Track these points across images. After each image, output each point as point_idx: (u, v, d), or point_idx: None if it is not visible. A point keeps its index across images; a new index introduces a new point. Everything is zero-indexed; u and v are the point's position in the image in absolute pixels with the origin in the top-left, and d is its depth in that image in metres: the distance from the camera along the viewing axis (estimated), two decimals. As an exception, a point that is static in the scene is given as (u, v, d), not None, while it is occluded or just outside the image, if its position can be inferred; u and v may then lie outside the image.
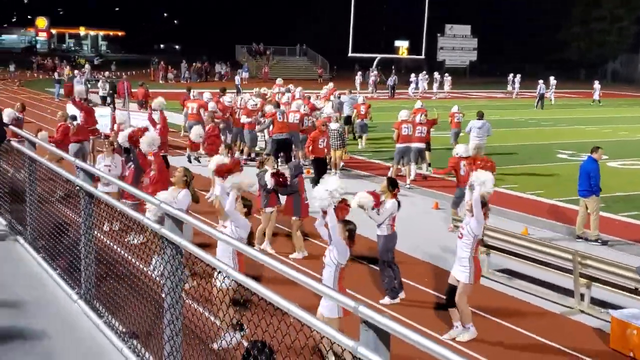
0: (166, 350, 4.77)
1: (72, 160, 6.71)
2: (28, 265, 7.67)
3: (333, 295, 3.08)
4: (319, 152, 17.03)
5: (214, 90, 26.39)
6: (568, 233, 13.97)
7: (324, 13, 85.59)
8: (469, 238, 8.66)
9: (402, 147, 18.19)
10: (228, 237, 4.56)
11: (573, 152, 24.45)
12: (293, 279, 3.35)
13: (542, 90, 43.85)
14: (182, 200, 9.28)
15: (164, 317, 4.80)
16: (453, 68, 66.22)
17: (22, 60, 65.85)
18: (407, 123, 18.35)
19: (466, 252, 8.67)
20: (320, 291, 3.18)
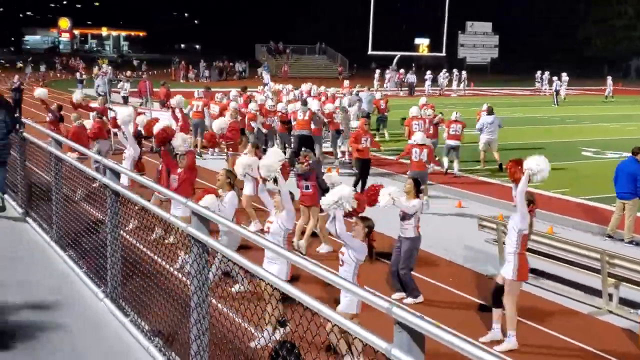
0: (193, 349, 4.75)
1: (99, 158, 6.72)
2: (54, 263, 7.70)
3: (365, 296, 3.02)
4: (362, 153, 16.64)
5: (236, 88, 26.45)
6: (594, 231, 13.80)
7: (343, 11, 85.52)
8: (512, 233, 8.46)
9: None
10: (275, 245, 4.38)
11: (597, 149, 24.18)
12: (322, 277, 3.31)
13: (558, 87, 43.73)
14: (230, 202, 9.22)
15: (190, 316, 4.77)
16: (474, 65, 65.83)
17: (45, 61, 66.36)
18: (418, 120, 18.50)
19: (512, 247, 8.46)
20: (352, 291, 3.13)
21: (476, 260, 11.96)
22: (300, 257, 3.72)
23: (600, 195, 15.91)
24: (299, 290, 3.47)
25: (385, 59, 61.41)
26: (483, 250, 12.13)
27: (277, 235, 7.59)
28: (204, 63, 62.91)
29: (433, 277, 10.95)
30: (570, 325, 9.28)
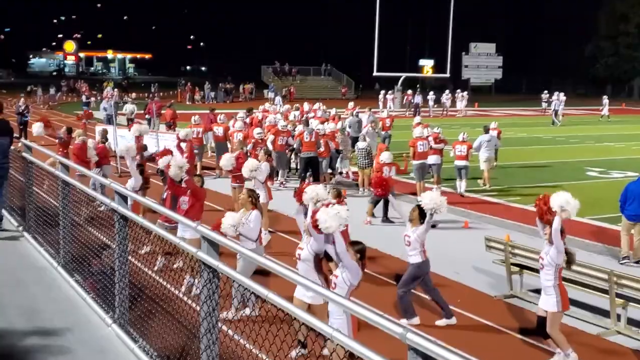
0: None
1: (107, 182, 6.73)
2: (61, 288, 7.69)
3: (379, 321, 3.01)
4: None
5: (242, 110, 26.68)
6: (601, 252, 13.74)
7: (348, 33, 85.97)
8: (550, 268, 8.50)
9: (419, 164, 18.59)
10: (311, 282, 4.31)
11: (602, 169, 24.14)
12: (330, 300, 3.30)
13: (556, 107, 43.94)
14: (255, 221, 9.21)
15: (200, 342, 4.75)
16: (478, 86, 66.03)
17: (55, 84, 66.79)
18: (422, 140, 18.65)
19: (550, 281, 8.51)
20: (365, 316, 3.11)
21: (484, 281, 11.91)
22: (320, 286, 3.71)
23: (607, 215, 15.86)
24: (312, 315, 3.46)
25: (390, 80, 61.64)
26: (491, 272, 12.09)
27: (307, 261, 7.52)
28: (209, 85, 63.26)
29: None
30: (579, 346, 9.20)
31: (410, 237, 9.87)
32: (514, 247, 11.37)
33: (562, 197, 8.38)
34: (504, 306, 10.83)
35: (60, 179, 7.95)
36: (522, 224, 15.54)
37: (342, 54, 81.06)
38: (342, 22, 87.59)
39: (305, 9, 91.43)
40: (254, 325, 4.61)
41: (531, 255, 11.02)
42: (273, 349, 4.20)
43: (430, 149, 18.98)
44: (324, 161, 20.10)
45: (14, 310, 7.17)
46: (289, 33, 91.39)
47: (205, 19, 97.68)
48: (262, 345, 4.35)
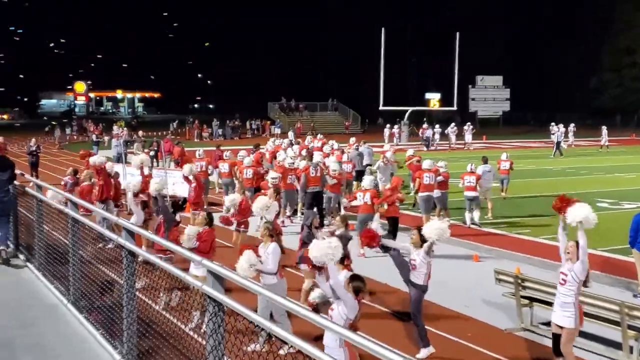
0: (211, 411, 4.70)
1: (115, 219, 6.78)
2: (71, 325, 7.70)
3: (379, 351, 3.00)
4: (389, 211, 16.44)
5: (247, 147, 26.85)
6: (613, 284, 13.63)
7: (354, 67, 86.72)
8: (573, 284, 8.60)
9: (425, 196, 18.52)
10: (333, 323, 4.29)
11: (614, 200, 24.04)
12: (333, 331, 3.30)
13: (559, 138, 44.14)
14: (274, 254, 9.20)
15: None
16: (485, 118, 66.25)
17: (61, 124, 67.45)
18: (430, 172, 18.57)
19: (570, 297, 8.60)
20: (366, 346, 3.11)
21: (495, 314, 11.82)
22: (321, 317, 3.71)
23: (618, 247, 15.76)
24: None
25: (394, 114, 61.94)
26: (501, 305, 12.01)
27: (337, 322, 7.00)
28: (217, 122, 63.77)
29: (451, 332, 10.82)
30: (593, 379, 9.12)
31: (415, 260, 9.85)
32: (524, 280, 11.30)
33: (584, 210, 8.58)
34: (515, 340, 10.73)
35: (69, 216, 8.00)
36: (532, 257, 15.47)
37: (348, 89, 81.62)
38: (347, 56, 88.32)
39: (309, 43, 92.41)
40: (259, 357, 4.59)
41: (542, 288, 10.95)
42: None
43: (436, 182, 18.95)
44: (334, 196, 19.98)
45: (24, 348, 7.17)
46: (296, 69, 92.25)
47: (212, 57, 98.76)
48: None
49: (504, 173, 24.71)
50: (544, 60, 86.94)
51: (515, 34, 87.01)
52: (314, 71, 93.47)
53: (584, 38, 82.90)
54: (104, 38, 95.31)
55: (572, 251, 8.69)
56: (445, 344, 10.40)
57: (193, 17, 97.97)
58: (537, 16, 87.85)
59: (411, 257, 9.93)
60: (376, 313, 11.74)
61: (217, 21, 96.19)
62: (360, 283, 7.18)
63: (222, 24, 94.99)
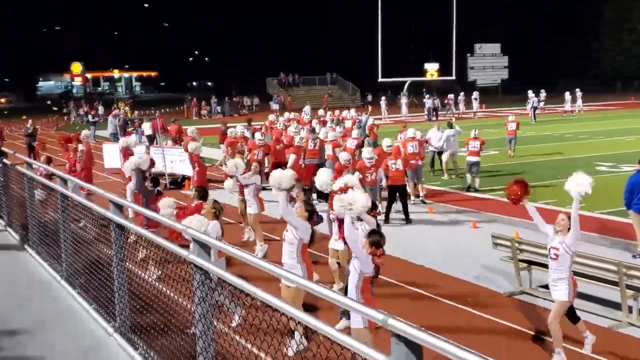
0: (200, 378, 4.68)
1: (102, 193, 6.73)
2: (65, 301, 7.68)
3: (358, 308, 2.97)
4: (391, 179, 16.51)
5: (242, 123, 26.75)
6: (612, 245, 13.61)
7: (351, 39, 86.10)
8: (565, 257, 8.31)
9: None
10: (253, 257, 4.38)
11: (613, 163, 23.97)
12: (317, 293, 3.26)
13: (535, 104, 44.79)
14: (211, 231, 9.23)
15: (196, 344, 4.71)
16: (485, 87, 65.87)
17: (59, 105, 67.29)
18: (413, 141, 18.62)
19: (564, 273, 8.30)
20: (345, 304, 3.07)
21: (494, 279, 11.81)
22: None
23: (617, 209, 15.70)
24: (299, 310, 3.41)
25: (396, 85, 61.62)
26: (500, 269, 12.00)
27: (352, 275, 7.24)
28: (216, 99, 63.48)
29: (451, 299, 10.82)
30: (592, 339, 9.10)
31: (358, 229, 9.89)
32: (521, 243, 11.27)
33: (579, 178, 8.74)
34: (515, 303, 10.73)
35: (58, 192, 7.95)
36: (530, 221, 15.40)
37: (347, 62, 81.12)
38: (344, 29, 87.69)
39: (306, 17, 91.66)
40: (251, 327, 4.55)
41: (539, 251, 10.92)
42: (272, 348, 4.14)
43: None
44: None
45: (17, 324, 7.16)
46: (293, 43, 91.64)
47: (209, 34, 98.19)
48: (261, 346, 4.30)
49: (511, 134, 26.50)
50: (541, 29, 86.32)
51: (513, 4, 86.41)
52: (312, 44, 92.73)
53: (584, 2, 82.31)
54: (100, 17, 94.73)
55: (563, 224, 8.50)
56: (446, 310, 10.41)
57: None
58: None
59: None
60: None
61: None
62: (377, 238, 7.23)
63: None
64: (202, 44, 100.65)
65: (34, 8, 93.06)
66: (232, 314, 5.69)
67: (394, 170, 16.36)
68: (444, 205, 18.02)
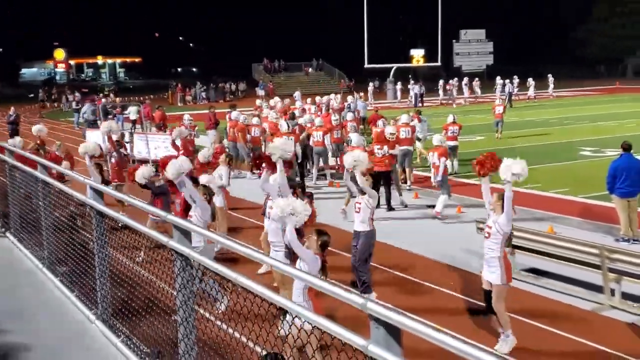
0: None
1: (82, 180, 6.68)
2: (47, 289, 7.64)
3: (340, 294, 2.95)
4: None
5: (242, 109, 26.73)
6: (596, 229, 13.69)
7: (339, 26, 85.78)
8: (497, 237, 8.34)
9: (404, 150, 18.49)
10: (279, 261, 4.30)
11: (596, 148, 24.10)
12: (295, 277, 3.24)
13: (511, 89, 45.48)
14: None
15: (177, 331, 4.70)
16: (471, 72, 65.86)
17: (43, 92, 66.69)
18: (406, 127, 18.69)
19: (495, 252, 8.33)
20: (329, 290, 3.05)
21: (477, 263, 11.85)
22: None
23: (600, 193, 15.79)
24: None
25: (383, 72, 61.48)
26: (482, 253, 12.01)
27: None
28: (201, 85, 63.15)
29: (434, 282, 10.87)
30: (574, 322, 9.18)
31: (360, 204, 10.05)
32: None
33: (516, 164, 8.35)
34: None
35: (40, 179, 7.89)
36: (515, 206, 15.43)
37: (333, 48, 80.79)
38: (330, 15, 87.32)
39: (293, 2, 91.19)
40: (232, 313, 4.53)
41: (522, 235, 10.99)
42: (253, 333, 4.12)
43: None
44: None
45: (1, 313, 7.12)
46: (279, 29, 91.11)
47: (193, 19, 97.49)
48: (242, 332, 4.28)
49: (498, 117, 27.51)
50: (526, 11, 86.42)
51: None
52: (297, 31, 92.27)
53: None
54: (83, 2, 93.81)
55: (495, 203, 8.53)
56: (429, 293, 10.46)
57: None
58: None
59: (357, 201, 10.21)
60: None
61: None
62: (327, 237, 7.19)
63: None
64: (186, 29, 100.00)
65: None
66: (219, 303, 5.66)
67: (380, 156, 16.35)
68: (430, 191, 18.02)
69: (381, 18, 60.97)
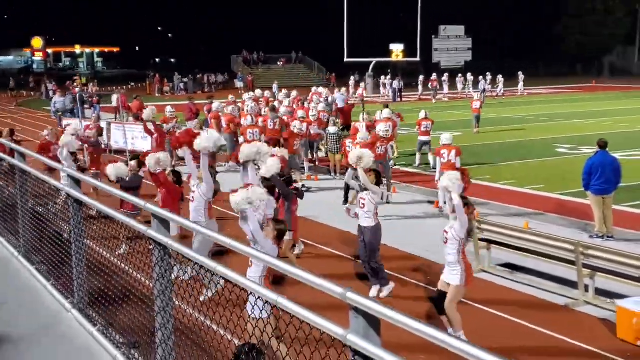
0: (159, 354, 4.66)
1: (60, 167, 6.62)
2: (23, 277, 7.57)
3: (321, 283, 2.96)
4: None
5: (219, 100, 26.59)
6: (571, 226, 13.84)
7: (319, 20, 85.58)
8: (453, 242, 8.41)
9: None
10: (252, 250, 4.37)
11: (573, 145, 24.34)
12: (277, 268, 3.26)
13: (484, 86, 46.84)
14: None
15: (154, 320, 4.68)
16: (449, 68, 66.05)
17: (19, 81, 65.95)
18: (389, 121, 18.77)
19: (454, 256, 8.42)
20: (307, 279, 3.06)
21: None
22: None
23: (576, 190, 15.97)
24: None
25: (363, 66, 61.45)
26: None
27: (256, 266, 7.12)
28: (179, 76, 62.82)
29: (411, 276, 10.94)
30: (548, 316, 9.28)
31: (365, 200, 10.10)
32: (482, 223, 11.40)
33: (454, 175, 8.44)
34: (474, 282, 10.84)
35: (17, 167, 7.81)
36: (491, 202, 15.64)
37: (313, 41, 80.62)
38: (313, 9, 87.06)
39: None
40: (210, 302, 4.53)
41: (499, 230, 11.08)
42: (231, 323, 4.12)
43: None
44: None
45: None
46: (259, 22, 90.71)
47: (172, 10, 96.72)
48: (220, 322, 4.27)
49: (476, 112, 28.49)
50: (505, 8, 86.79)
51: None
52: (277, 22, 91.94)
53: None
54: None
55: (450, 209, 8.59)
56: (406, 286, 10.51)
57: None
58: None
59: (361, 196, 10.27)
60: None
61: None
62: (283, 227, 7.43)
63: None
64: (165, 20, 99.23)
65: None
66: (207, 290, 5.63)
67: None
68: (408, 185, 18.13)
69: (361, 12, 60.80)
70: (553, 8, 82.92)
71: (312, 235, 13.06)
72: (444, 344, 2.43)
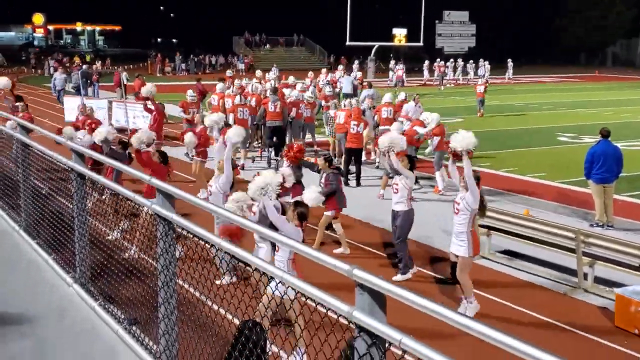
0: (161, 328, 4.66)
1: (63, 141, 6.61)
2: (24, 252, 7.57)
3: (327, 260, 2.96)
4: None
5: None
6: (571, 214, 13.85)
7: (322, 2, 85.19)
8: (465, 213, 8.70)
9: (385, 129, 18.49)
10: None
11: (574, 134, 24.32)
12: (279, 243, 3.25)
13: (482, 72, 48.15)
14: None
15: (158, 295, 4.68)
16: (452, 54, 65.83)
17: (19, 57, 65.76)
18: (388, 107, 18.79)
19: (463, 227, 8.71)
20: (314, 257, 3.06)
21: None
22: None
23: (577, 179, 15.97)
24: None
25: (365, 50, 61.21)
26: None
27: (282, 250, 7.18)
28: (180, 56, 62.58)
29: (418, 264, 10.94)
30: (547, 303, 9.31)
31: (398, 185, 10.17)
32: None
33: (459, 137, 8.85)
34: (474, 267, 10.85)
35: (19, 141, 7.78)
36: (492, 188, 15.63)
37: (315, 24, 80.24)
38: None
39: None
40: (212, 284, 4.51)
41: (500, 217, 11.09)
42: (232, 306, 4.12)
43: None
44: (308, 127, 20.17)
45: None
46: (261, 3, 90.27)
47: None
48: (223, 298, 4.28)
49: (480, 96, 29.11)
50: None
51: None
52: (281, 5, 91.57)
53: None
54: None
55: (463, 181, 8.75)
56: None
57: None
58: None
59: (394, 182, 10.37)
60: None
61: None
62: (304, 209, 7.40)
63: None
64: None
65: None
66: (222, 277, 5.62)
67: (354, 132, 16.40)
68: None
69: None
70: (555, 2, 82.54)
71: (312, 219, 13.05)
72: (449, 320, 2.43)
